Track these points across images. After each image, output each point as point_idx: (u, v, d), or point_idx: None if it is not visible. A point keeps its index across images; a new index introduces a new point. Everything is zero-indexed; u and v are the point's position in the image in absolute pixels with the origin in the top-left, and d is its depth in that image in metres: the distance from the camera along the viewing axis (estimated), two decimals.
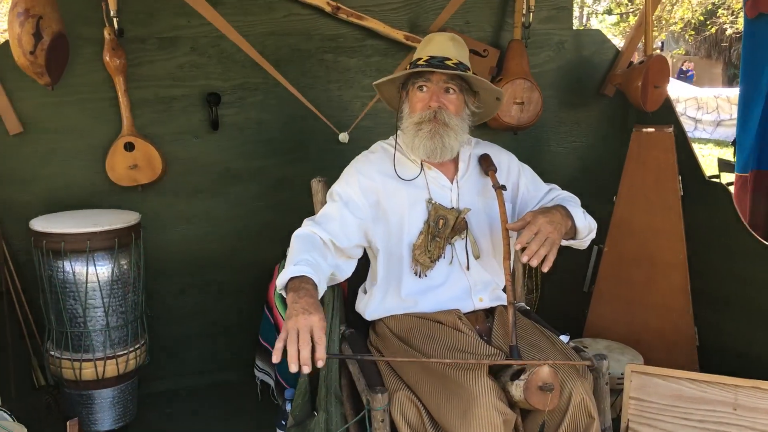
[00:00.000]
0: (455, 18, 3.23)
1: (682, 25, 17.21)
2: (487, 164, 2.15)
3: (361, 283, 2.22)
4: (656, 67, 3.14)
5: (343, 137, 3.16)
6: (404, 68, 2.15)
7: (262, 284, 3.04)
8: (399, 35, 3.12)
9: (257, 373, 3.04)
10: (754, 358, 2.86)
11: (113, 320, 2.63)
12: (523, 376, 1.71)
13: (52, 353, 2.65)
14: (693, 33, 18.56)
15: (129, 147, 2.84)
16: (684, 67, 19.35)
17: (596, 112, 3.58)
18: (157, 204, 3.02)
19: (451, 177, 2.14)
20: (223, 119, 3.04)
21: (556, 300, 3.42)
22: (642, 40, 3.33)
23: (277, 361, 1.56)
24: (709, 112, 13.92)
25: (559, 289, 3.46)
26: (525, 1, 3.20)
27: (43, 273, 2.59)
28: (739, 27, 16.15)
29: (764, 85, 3.49)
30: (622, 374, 2.40)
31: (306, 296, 1.68)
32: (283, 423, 2.54)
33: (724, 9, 16.67)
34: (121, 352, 2.67)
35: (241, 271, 3.19)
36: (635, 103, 3.22)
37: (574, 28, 3.53)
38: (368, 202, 2.07)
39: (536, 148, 3.50)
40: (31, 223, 2.61)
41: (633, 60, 3.52)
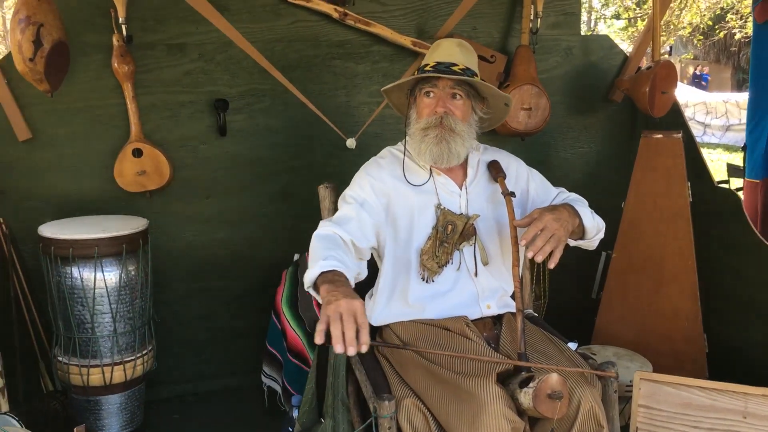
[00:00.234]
0: (463, 24, 3.23)
1: (690, 29, 17.18)
2: (496, 171, 2.14)
3: (368, 289, 2.22)
4: (664, 73, 3.13)
5: (351, 143, 3.16)
6: (412, 74, 2.15)
7: (270, 290, 3.03)
8: (406, 41, 3.12)
9: (264, 380, 3.04)
10: (764, 365, 2.84)
11: (121, 326, 2.64)
12: (532, 384, 1.69)
13: (60, 359, 2.66)
14: (701, 38, 18.52)
15: (137, 153, 2.85)
16: (698, 71, 19.29)
17: (604, 117, 3.57)
18: (165, 210, 3.03)
19: (460, 183, 2.13)
20: (230, 125, 3.05)
21: (564, 306, 3.40)
22: (650, 46, 3.31)
23: (320, 342, 1.54)
24: (718, 117, 13.87)
25: (567, 295, 3.45)
26: (532, 6, 3.20)
27: (52, 279, 2.60)
28: (748, 31, 16.11)
29: None
30: (631, 382, 2.38)
31: (343, 286, 1.67)
32: (290, 429, 2.54)
33: (732, 14, 16.62)
34: (129, 358, 2.68)
35: (248, 277, 3.19)
36: (643, 108, 3.21)
37: (581, 33, 3.52)
38: (381, 204, 2.06)
39: (544, 154, 3.49)
40: (39, 229, 2.62)
41: (641, 65, 3.51)
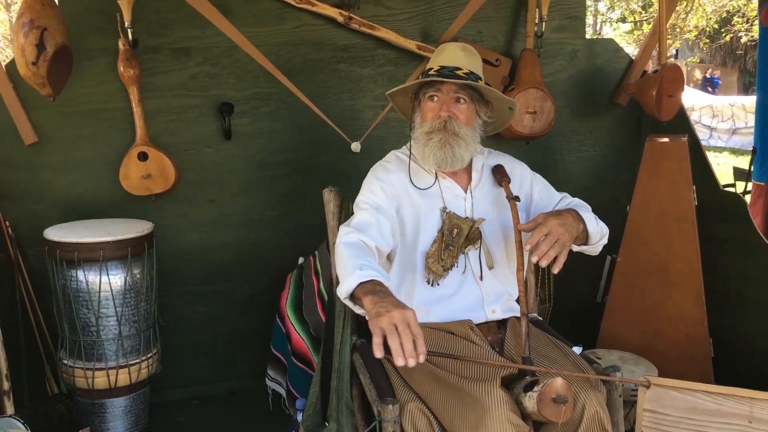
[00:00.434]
0: (467, 28, 3.23)
1: (696, 33, 17.15)
2: (500, 175, 2.15)
3: None
4: (670, 76, 3.12)
5: (355, 146, 3.16)
6: (416, 77, 2.16)
7: (274, 294, 3.04)
8: (411, 45, 3.12)
9: (269, 383, 3.04)
10: None
11: (126, 329, 2.65)
12: (536, 388, 1.69)
13: (65, 362, 2.66)
14: (707, 41, 18.48)
15: (142, 157, 2.86)
16: (708, 74, 19.23)
17: (609, 121, 3.56)
18: (170, 213, 3.04)
19: (465, 187, 2.14)
20: (235, 129, 3.05)
21: (569, 310, 3.39)
22: (656, 49, 3.31)
23: (380, 356, 1.54)
24: (724, 121, 13.84)
25: (572, 299, 3.44)
26: (537, 10, 3.20)
27: (57, 282, 2.61)
28: (754, 35, 16.06)
29: None
30: (636, 386, 2.38)
31: (389, 296, 1.66)
32: None
33: (738, 17, 16.59)
34: (134, 361, 2.68)
35: (253, 281, 3.19)
36: (650, 112, 3.20)
37: (587, 37, 3.52)
38: (393, 207, 2.06)
39: (549, 158, 3.49)
40: (45, 232, 2.63)
41: (647, 69, 3.51)
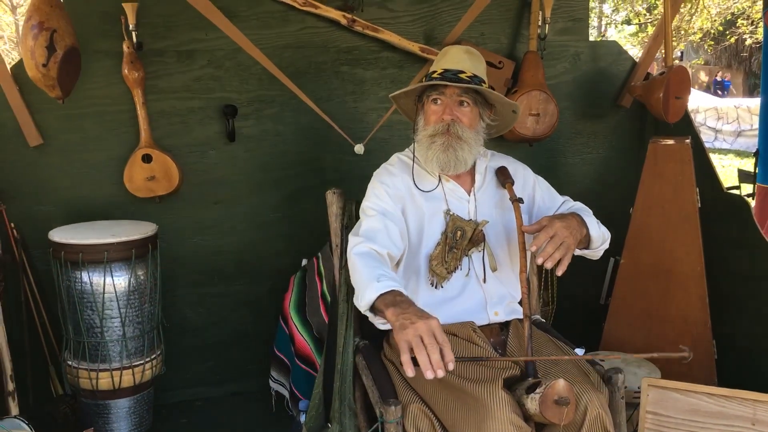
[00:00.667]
0: (471, 30, 3.23)
1: (701, 35, 17.13)
2: (504, 177, 2.15)
3: None
4: (677, 78, 3.11)
5: (359, 149, 3.16)
6: (420, 80, 2.16)
7: (278, 295, 3.04)
8: (414, 47, 3.13)
9: (272, 384, 3.05)
10: None
11: (130, 330, 2.66)
12: (538, 390, 1.70)
13: (70, 363, 2.67)
14: (712, 43, 18.46)
15: (147, 159, 2.87)
16: (719, 77, 19.17)
17: (613, 123, 3.56)
18: (174, 215, 3.05)
19: (468, 189, 2.14)
20: (239, 131, 3.06)
21: (573, 312, 3.39)
22: (660, 51, 3.30)
23: (412, 375, 1.56)
24: (729, 123, 13.83)
25: (575, 301, 3.44)
26: (540, 12, 3.20)
27: (61, 283, 2.62)
28: (759, 37, 16.02)
29: None
30: (639, 388, 2.38)
31: (411, 305, 1.68)
32: None
33: (743, 19, 16.56)
34: (138, 363, 2.69)
35: (256, 282, 3.20)
36: (657, 114, 3.19)
37: (590, 39, 3.52)
38: (399, 209, 2.07)
39: (552, 160, 3.49)
40: (50, 234, 2.64)
41: (650, 71, 3.50)
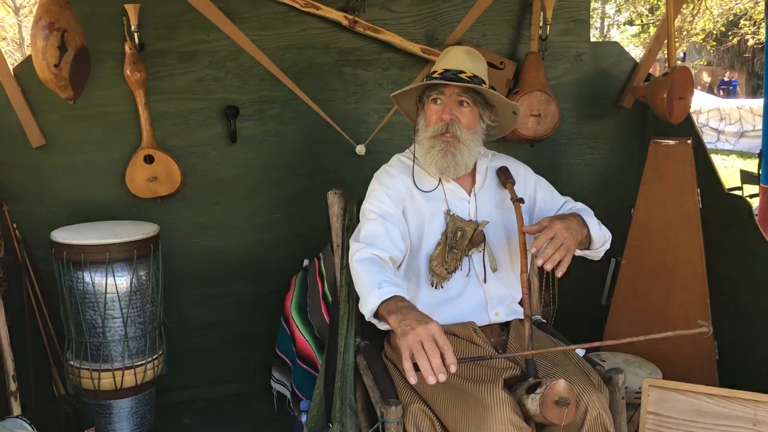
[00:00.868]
0: (472, 31, 3.24)
1: (703, 36, 17.11)
2: (505, 177, 2.15)
3: None
4: (681, 79, 3.11)
5: (360, 149, 3.17)
6: (421, 81, 2.16)
7: (280, 296, 3.05)
8: (415, 48, 3.13)
9: (273, 384, 3.05)
10: None
11: (132, 331, 2.66)
12: (539, 390, 1.70)
13: (72, 363, 2.68)
14: (715, 44, 18.44)
15: (149, 159, 2.88)
16: (726, 77, 19.11)
17: (614, 124, 3.56)
18: (176, 216, 3.05)
19: (469, 189, 2.14)
20: (241, 132, 3.07)
21: (574, 313, 3.39)
22: (662, 52, 3.30)
23: (414, 383, 1.58)
24: (731, 123, 13.81)
25: (576, 301, 3.44)
26: (542, 13, 3.20)
27: (64, 283, 2.62)
28: (761, 37, 16.00)
29: None
30: (640, 389, 2.38)
31: (412, 311, 1.70)
32: None
33: (746, 19, 16.54)
34: (139, 363, 2.69)
35: (258, 283, 3.21)
36: (661, 115, 3.18)
37: (592, 40, 3.52)
38: (400, 211, 2.07)
39: (553, 161, 3.49)
40: (52, 234, 2.65)
41: (651, 71, 3.50)
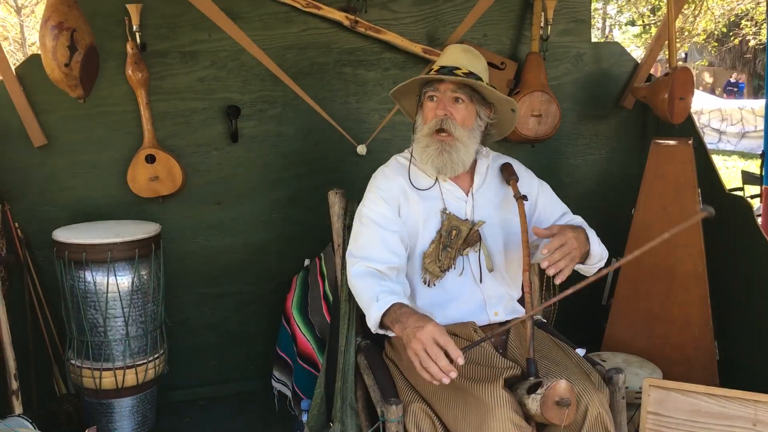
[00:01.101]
0: (473, 31, 3.24)
1: (704, 36, 17.11)
2: (508, 173, 2.14)
3: None
4: (681, 79, 3.11)
5: (361, 149, 3.17)
6: None
7: (281, 295, 3.05)
8: (417, 48, 3.14)
9: (274, 384, 3.05)
10: None
11: (133, 330, 2.67)
12: (539, 390, 1.70)
13: (73, 362, 2.68)
14: (716, 44, 18.43)
15: (150, 159, 2.88)
16: (732, 78, 19.06)
17: (615, 124, 3.57)
18: (178, 215, 3.06)
19: (467, 189, 2.14)
20: (242, 132, 3.07)
21: (574, 313, 3.39)
22: (663, 52, 3.30)
23: (437, 383, 1.64)
24: (733, 124, 13.80)
25: (576, 302, 3.42)
26: (543, 14, 3.20)
27: (65, 282, 2.63)
28: (763, 38, 16.01)
29: None
30: (641, 388, 2.38)
31: (410, 316, 1.74)
32: None
33: (747, 20, 16.53)
34: (141, 362, 2.70)
35: (259, 282, 3.21)
36: (662, 115, 3.18)
37: (593, 40, 3.52)
38: (395, 212, 2.07)
39: (554, 161, 3.49)
40: (53, 233, 2.65)
41: (653, 72, 3.50)
